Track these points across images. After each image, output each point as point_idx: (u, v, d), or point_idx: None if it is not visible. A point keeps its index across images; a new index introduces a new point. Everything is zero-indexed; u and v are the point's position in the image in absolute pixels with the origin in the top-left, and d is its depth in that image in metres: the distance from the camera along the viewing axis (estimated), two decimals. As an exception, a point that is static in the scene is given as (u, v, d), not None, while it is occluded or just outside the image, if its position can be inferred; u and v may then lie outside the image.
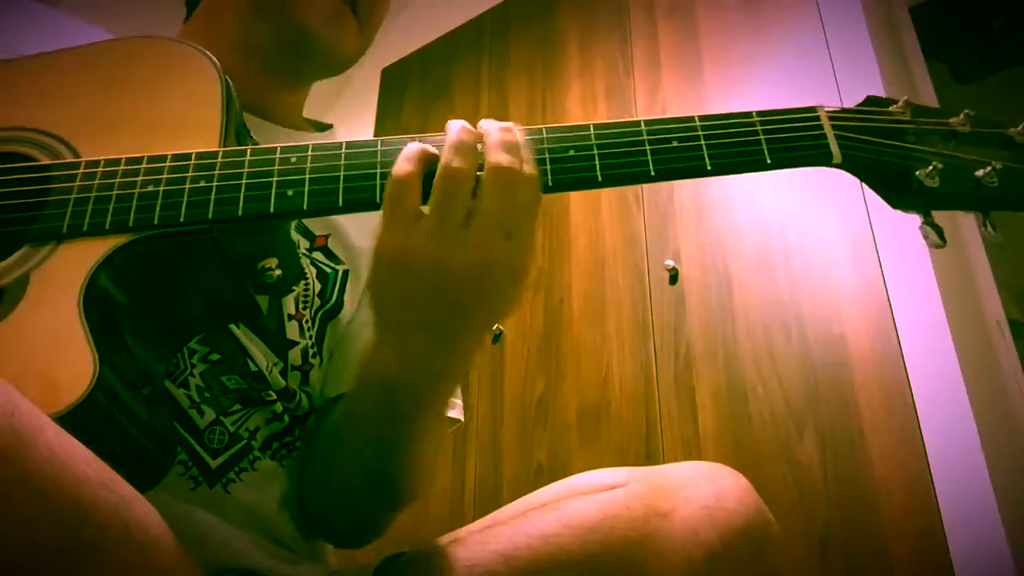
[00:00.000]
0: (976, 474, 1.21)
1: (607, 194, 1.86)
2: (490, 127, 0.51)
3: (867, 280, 1.40)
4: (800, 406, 1.40)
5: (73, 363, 0.44)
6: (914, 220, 0.55)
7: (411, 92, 2.55)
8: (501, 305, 0.50)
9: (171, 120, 0.56)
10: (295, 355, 0.69)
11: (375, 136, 2.19)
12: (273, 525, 0.64)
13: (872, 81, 1.60)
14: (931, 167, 0.50)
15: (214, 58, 0.59)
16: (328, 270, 0.72)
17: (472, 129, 0.51)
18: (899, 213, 0.54)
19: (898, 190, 0.51)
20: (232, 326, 0.64)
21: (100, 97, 0.58)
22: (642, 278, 1.70)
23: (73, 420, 0.41)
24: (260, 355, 0.66)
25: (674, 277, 1.65)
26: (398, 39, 2.80)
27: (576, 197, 1.91)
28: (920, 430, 1.26)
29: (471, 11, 2.52)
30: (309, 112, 0.85)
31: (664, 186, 1.77)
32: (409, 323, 0.50)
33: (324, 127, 0.83)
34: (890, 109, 0.54)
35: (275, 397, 0.66)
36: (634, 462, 1.51)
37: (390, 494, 0.64)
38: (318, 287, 0.71)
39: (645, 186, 1.81)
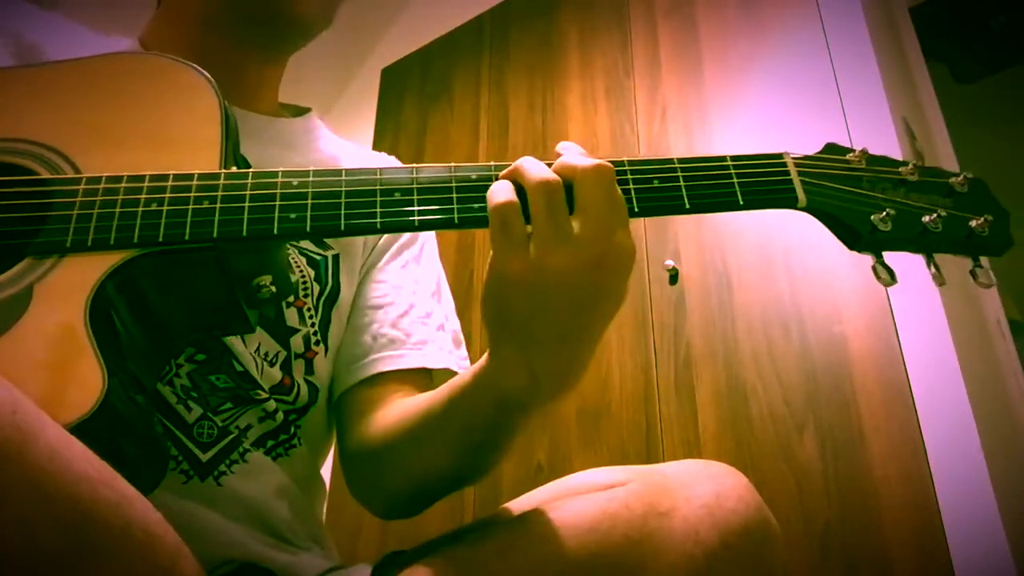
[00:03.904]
0: (976, 474, 1.21)
1: (607, 194, 1.86)
2: (567, 145, 0.54)
3: (867, 280, 1.40)
4: (800, 406, 1.40)
5: (82, 376, 0.44)
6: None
7: (411, 92, 2.55)
8: (619, 295, 0.51)
9: (170, 136, 0.57)
10: (296, 342, 0.70)
11: (375, 135, 2.19)
12: (269, 515, 0.64)
13: (872, 81, 1.60)
14: (885, 213, 0.55)
15: (211, 77, 0.60)
16: (317, 257, 0.73)
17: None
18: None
19: (855, 233, 0.56)
20: None
21: (99, 111, 0.58)
22: (642, 278, 1.70)
23: (77, 431, 0.41)
24: (248, 355, 0.66)
25: (674, 277, 1.65)
26: (398, 39, 2.81)
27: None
28: (920, 430, 1.26)
29: (471, 11, 2.52)
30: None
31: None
32: (540, 337, 0.51)
33: (301, 111, 0.83)
34: (847, 157, 0.58)
35: (266, 395, 0.67)
36: (634, 462, 1.51)
37: (470, 479, 0.64)
38: (312, 273, 0.72)
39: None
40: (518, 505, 0.60)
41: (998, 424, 1.50)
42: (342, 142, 0.85)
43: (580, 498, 0.56)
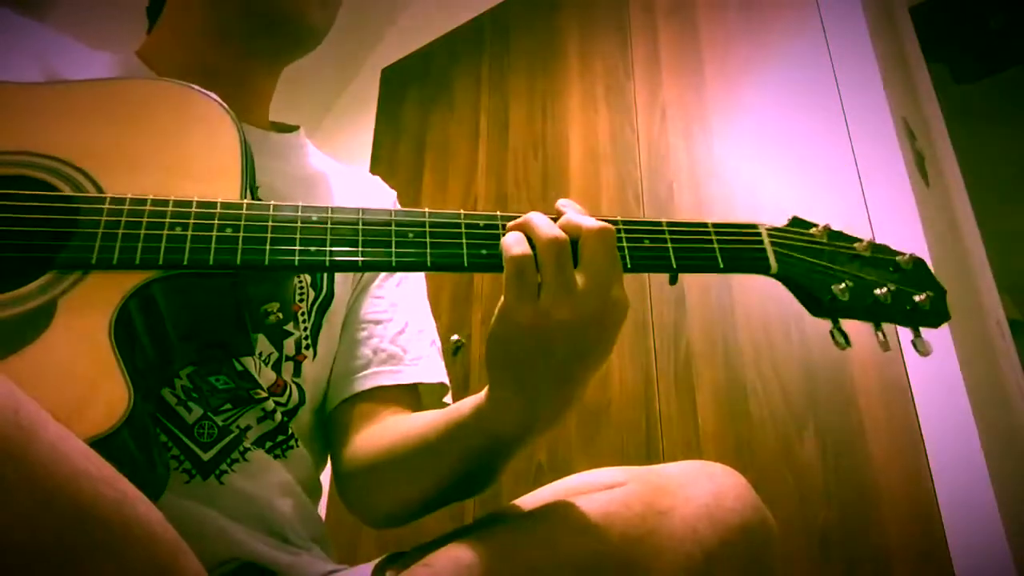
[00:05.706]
0: (976, 474, 1.22)
1: (607, 193, 1.87)
2: (567, 202, 0.58)
3: (867, 280, 1.40)
4: (800, 406, 1.40)
5: (107, 391, 0.45)
6: (914, 220, 0.56)
7: (411, 92, 2.55)
8: (611, 344, 0.56)
9: (190, 164, 0.59)
10: (289, 345, 0.71)
11: (375, 135, 2.18)
12: (271, 514, 0.65)
13: (872, 81, 1.60)
14: (844, 284, 0.60)
15: (229, 109, 0.62)
16: None
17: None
18: (899, 212, 0.55)
19: (817, 301, 0.61)
20: None
21: (121, 133, 0.60)
22: (642, 277, 1.70)
23: (98, 445, 0.41)
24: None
25: (674, 277, 1.65)
26: (398, 39, 2.81)
27: (576, 195, 1.91)
28: (920, 430, 1.26)
29: (471, 11, 2.52)
30: (307, 111, 0.86)
31: (664, 184, 1.77)
32: (540, 379, 0.55)
33: (289, 128, 0.85)
34: (811, 231, 0.64)
35: (265, 394, 0.67)
36: (634, 462, 1.51)
37: (465, 497, 0.67)
38: (308, 279, 0.73)
39: (645, 185, 1.81)
40: (518, 505, 0.60)
41: (998, 424, 1.50)
42: (328, 160, 0.87)
43: (580, 498, 0.56)
